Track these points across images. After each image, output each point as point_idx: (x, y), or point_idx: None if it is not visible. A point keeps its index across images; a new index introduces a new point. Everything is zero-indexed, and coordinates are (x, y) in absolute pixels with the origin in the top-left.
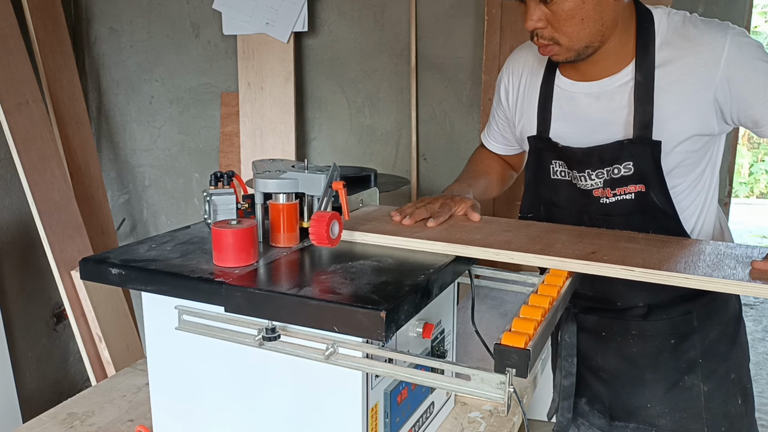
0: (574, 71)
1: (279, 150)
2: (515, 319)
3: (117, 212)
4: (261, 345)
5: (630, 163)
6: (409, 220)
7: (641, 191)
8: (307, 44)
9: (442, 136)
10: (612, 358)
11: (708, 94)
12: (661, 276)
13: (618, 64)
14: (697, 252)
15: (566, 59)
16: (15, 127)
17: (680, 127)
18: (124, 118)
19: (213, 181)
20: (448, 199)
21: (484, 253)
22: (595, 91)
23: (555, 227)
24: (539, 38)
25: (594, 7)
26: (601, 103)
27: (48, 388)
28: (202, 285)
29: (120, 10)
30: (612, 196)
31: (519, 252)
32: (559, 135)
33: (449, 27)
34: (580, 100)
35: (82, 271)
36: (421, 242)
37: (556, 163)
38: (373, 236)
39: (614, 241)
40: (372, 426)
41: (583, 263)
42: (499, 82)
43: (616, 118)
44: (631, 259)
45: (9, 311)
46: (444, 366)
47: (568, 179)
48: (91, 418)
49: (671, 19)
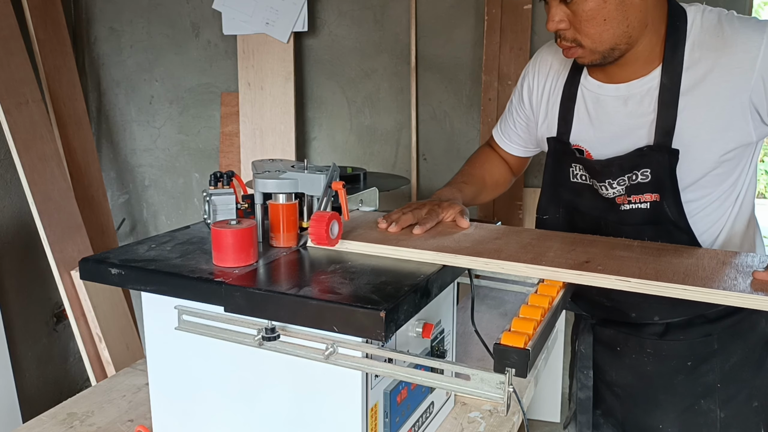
0: (601, 73)
1: (279, 150)
2: (515, 319)
3: (117, 212)
4: (261, 345)
5: (648, 170)
6: (395, 228)
7: (656, 201)
8: (307, 44)
9: (442, 136)
10: (626, 374)
11: (743, 98)
12: (659, 287)
13: (648, 66)
14: (695, 261)
15: (591, 62)
16: (15, 127)
17: (710, 134)
18: (124, 118)
19: (213, 181)
20: (435, 205)
21: (473, 262)
22: (623, 94)
23: (547, 234)
24: (562, 40)
25: (617, 6)
26: (628, 107)
27: (48, 388)
28: (202, 285)
29: (120, 10)
30: (627, 204)
31: (509, 261)
32: (582, 139)
33: (449, 27)
34: (607, 103)
35: (81, 271)
36: (407, 251)
37: (576, 167)
38: (358, 245)
39: (608, 249)
40: (372, 426)
41: (577, 273)
42: (522, 80)
43: (642, 123)
44: (626, 269)
45: (9, 311)
46: (443, 366)
47: (589, 184)
48: (91, 418)
49: (705, 18)
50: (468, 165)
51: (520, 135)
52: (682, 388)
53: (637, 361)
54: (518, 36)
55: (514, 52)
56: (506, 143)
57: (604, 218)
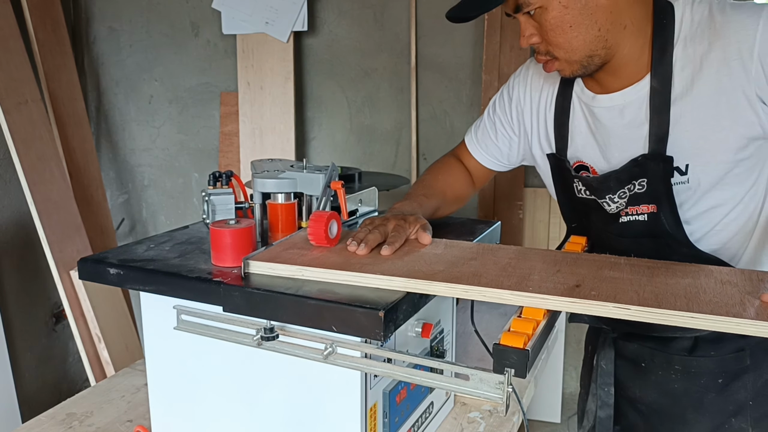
0: (594, 83)
1: (278, 150)
2: (514, 319)
3: (116, 212)
4: (259, 345)
5: (644, 180)
6: (364, 249)
7: (653, 212)
8: (307, 44)
9: (442, 136)
10: (651, 391)
11: (746, 90)
12: (662, 315)
13: (640, 71)
14: (692, 281)
15: (573, 73)
16: (14, 126)
17: (718, 133)
18: (124, 117)
19: (212, 181)
20: (401, 219)
21: (451, 290)
22: (618, 104)
23: (525, 252)
24: (538, 54)
25: (580, 11)
26: (625, 118)
27: (47, 388)
28: (201, 285)
29: (119, 10)
30: (625, 216)
31: (491, 288)
32: (586, 155)
33: (449, 27)
34: (602, 115)
35: (81, 271)
36: (375, 278)
37: (578, 182)
38: (314, 271)
39: (596, 270)
40: (371, 426)
41: (569, 301)
42: (510, 91)
43: (640, 132)
44: (622, 294)
45: (8, 311)
46: (443, 366)
47: (593, 198)
48: (90, 418)
49: (695, 11)
50: (429, 175)
51: (499, 148)
52: (712, 407)
53: (664, 378)
54: (518, 36)
55: (514, 51)
56: (481, 154)
57: (605, 230)
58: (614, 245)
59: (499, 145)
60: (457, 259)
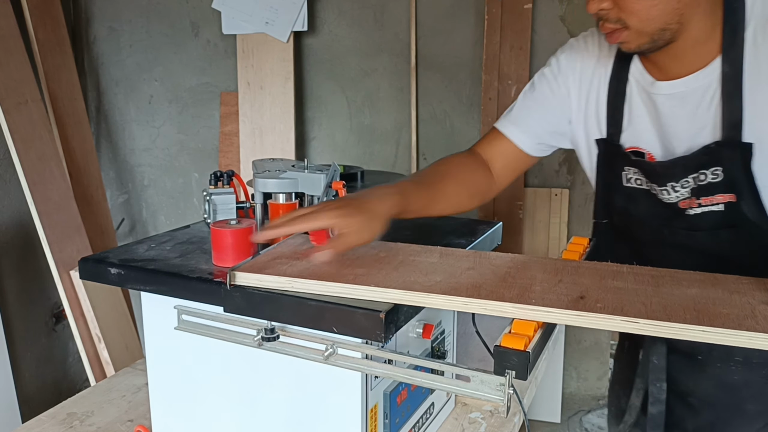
0: (654, 68)
1: (278, 149)
2: (515, 321)
3: (116, 212)
4: (260, 345)
5: (719, 168)
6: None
7: (731, 202)
8: (307, 44)
9: (442, 136)
10: (707, 384)
11: None
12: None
13: (706, 56)
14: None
15: (639, 47)
16: (14, 126)
17: None
18: (124, 117)
19: (213, 180)
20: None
21: (450, 302)
22: (680, 91)
23: (523, 260)
24: (605, 22)
25: None
26: (687, 107)
27: (47, 388)
28: (202, 285)
29: (119, 10)
30: (698, 207)
31: (492, 300)
32: (637, 140)
33: (449, 27)
34: (662, 103)
35: (81, 270)
36: (369, 290)
37: (629, 170)
38: (304, 283)
39: (599, 279)
40: (372, 427)
41: (575, 314)
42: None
43: (706, 120)
44: (629, 306)
45: (8, 311)
46: (444, 367)
47: (645, 188)
48: (91, 418)
49: None
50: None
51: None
52: None
53: (722, 370)
54: (518, 35)
55: (514, 51)
56: (519, 136)
57: (668, 226)
58: (682, 240)
59: (548, 118)
60: (453, 269)
